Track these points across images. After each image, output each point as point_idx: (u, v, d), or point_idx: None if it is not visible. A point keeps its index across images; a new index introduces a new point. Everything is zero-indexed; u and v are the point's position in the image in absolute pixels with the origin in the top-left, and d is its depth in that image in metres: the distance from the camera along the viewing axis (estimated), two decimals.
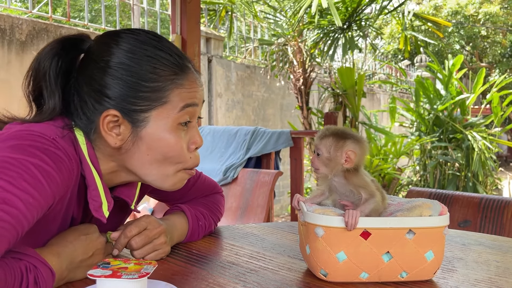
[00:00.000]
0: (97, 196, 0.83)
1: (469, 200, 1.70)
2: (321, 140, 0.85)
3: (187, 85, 0.85)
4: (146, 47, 0.84)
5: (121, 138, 0.83)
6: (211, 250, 1.01)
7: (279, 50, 5.59)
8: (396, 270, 0.81)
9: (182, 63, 0.86)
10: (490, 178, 5.66)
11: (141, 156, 0.84)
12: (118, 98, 0.82)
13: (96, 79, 0.82)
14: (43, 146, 0.74)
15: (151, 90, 0.82)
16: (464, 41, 14.71)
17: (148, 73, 0.82)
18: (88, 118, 0.84)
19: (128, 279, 0.67)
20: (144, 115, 0.82)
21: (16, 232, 0.67)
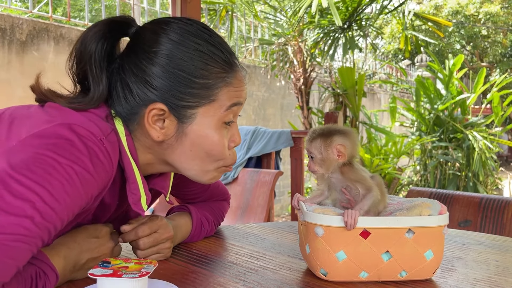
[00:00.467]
0: (136, 190, 0.81)
1: (470, 200, 1.70)
2: (311, 144, 0.86)
3: (236, 84, 0.84)
4: (198, 40, 0.81)
5: (165, 132, 0.81)
6: (211, 249, 1.01)
7: (279, 50, 5.59)
8: (396, 270, 0.81)
9: (232, 60, 0.84)
10: (490, 178, 5.66)
11: (184, 152, 0.83)
12: (166, 91, 0.79)
13: (144, 69, 0.80)
14: (89, 149, 0.72)
15: (200, 87, 0.80)
16: (465, 40, 14.71)
17: (199, 69, 0.80)
18: (131, 108, 0.81)
19: (129, 278, 0.67)
20: (191, 111, 0.81)
21: (42, 242, 0.66)
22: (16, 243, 0.62)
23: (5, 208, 0.62)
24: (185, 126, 0.81)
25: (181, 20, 0.84)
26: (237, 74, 0.85)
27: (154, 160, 0.86)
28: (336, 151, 0.84)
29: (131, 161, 0.80)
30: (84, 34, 0.82)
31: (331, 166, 0.85)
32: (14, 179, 0.65)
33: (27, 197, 0.64)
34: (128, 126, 0.82)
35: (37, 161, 0.67)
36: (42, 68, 3.83)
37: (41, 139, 0.70)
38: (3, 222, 0.62)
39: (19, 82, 3.70)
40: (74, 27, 4.19)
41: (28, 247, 0.64)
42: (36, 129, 0.72)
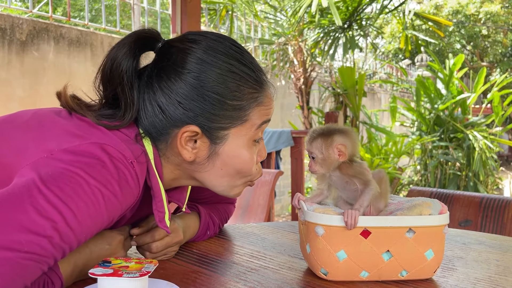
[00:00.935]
0: (162, 207, 0.81)
1: (470, 200, 1.70)
2: (311, 144, 0.86)
3: (266, 102, 0.84)
4: (230, 60, 0.80)
5: (196, 152, 0.81)
6: (211, 249, 1.01)
7: (279, 50, 5.59)
8: (396, 269, 0.81)
9: (262, 78, 0.84)
10: (491, 178, 5.66)
11: (214, 171, 0.83)
12: (199, 113, 0.78)
13: (177, 90, 0.78)
14: (119, 172, 0.71)
15: (233, 109, 0.80)
16: (465, 40, 14.70)
17: (232, 91, 0.79)
18: (162, 128, 0.80)
19: (129, 278, 0.67)
20: (223, 133, 0.81)
21: (54, 261, 0.66)
22: (29, 261, 0.62)
23: (27, 225, 0.62)
24: (217, 146, 0.81)
25: (210, 37, 0.82)
26: (267, 92, 0.85)
27: (181, 176, 0.86)
28: (337, 151, 0.84)
29: (158, 181, 0.80)
30: (113, 54, 0.80)
31: (332, 165, 0.85)
32: (42, 193, 0.64)
33: (51, 216, 0.63)
34: (157, 145, 0.82)
35: (67, 178, 0.66)
36: (42, 67, 3.83)
37: (73, 155, 0.69)
38: (22, 240, 0.61)
39: (19, 82, 3.70)
40: (74, 27, 4.19)
41: (40, 266, 0.64)
42: (68, 144, 0.71)
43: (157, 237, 0.90)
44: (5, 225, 0.61)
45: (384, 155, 5.40)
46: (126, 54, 0.79)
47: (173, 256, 0.95)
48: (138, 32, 0.82)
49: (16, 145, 0.75)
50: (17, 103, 3.64)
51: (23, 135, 0.76)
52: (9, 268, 0.60)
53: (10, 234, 0.61)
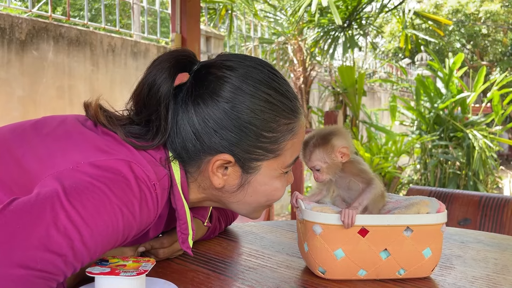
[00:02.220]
0: (186, 229, 0.80)
1: (469, 199, 1.70)
2: (311, 158, 0.85)
3: (299, 134, 0.83)
4: (269, 91, 0.79)
5: (227, 179, 0.80)
6: (210, 248, 1.01)
7: (279, 49, 5.59)
8: (394, 268, 0.81)
9: (297, 107, 0.82)
10: (491, 177, 5.66)
11: (244, 198, 0.83)
12: (234, 143, 0.77)
13: (214, 118, 0.77)
14: (141, 192, 0.70)
15: (269, 142, 0.79)
16: (465, 39, 14.70)
17: (269, 122, 0.78)
18: (194, 153, 0.79)
19: (126, 276, 0.67)
20: (256, 164, 0.80)
21: (63, 277, 0.65)
22: (40, 280, 0.61)
23: (45, 242, 0.61)
24: (249, 176, 0.81)
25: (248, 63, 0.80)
26: (301, 121, 0.83)
27: (207, 199, 0.86)
28: (340, 154, 0.84)
29: (184, 204, 0.79)
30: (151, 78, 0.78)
31: (337, 169, 0.85)
32: (64, 209, 0.63)
33: (69, 234, 0.62)
34: (187, 168, 0.81)
35: (90, 194, 0.66)
36: (41, 67, 3.83)
37: (98, 170, 0.69)
38: (37, 257, 0.60)
39: (19, 81, 3.70)
40: (74, 27, 4.19)
41: (48, 284, 0.63)
42: (94, 158, 0.70)
43: (166, 244, 0.90)
44: (24, 239, 0.60)
45: (384, 154, 5.40)
46: (165, 79, 0.78)
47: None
48: (176, 54, 0.81)
49: (41, 153, 0.74)
50: (16, 103, 3.64)
51: (49, 144, 0.76)
52: (20, 285, 0.60)
53: (27, 250, 0.60)
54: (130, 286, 0.68)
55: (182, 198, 0.79)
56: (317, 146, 0.84)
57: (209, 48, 5.58)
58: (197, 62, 0.83)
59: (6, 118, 3.56)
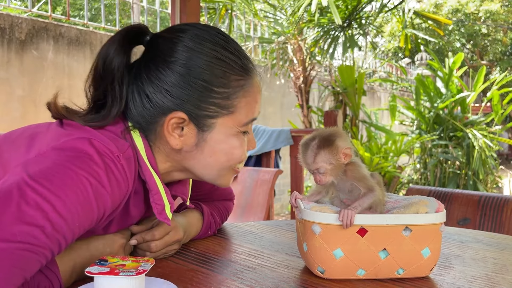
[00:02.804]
0: (160, 200, 0.81)
1: (469, 198, 1.70)
2: (316, 160, 0.83)
3: (253, 93, 0.84)
4: (215, 47, 0.81)
5: (183, 140, 0.82)
6: (209, 247, 1.02)
7: (279, 49, 5.59)
8: (393, 267, 0.81)
9: (248, 66, 0.85)
10: (490, 176, 5.66)
11: (204, 158, 0.84)
12: (186, 100, 0.80)
13: (164, 78, 0.80)
14: (105, 164, 0.72)
15: (220, 97, 0.81)
16: (465, 39, 14.70)
17: (218, 77, 0.80)
18: (150, 117, 0.81)
19: (126, 276, 0.67)
20: (210, 121, 0.81)
21: (51, 254, 0.66)
22: (25, 252, 0.62)
23: (19, 217, 0.62)
24: (205, 134, 0.82)
25: (196, 26, 0.84)
26: (254, 80, 0.85)
27: (173, 168, 0.87)
28: (343, 155, 0.84)
29: (152, 173, 0.81)
30: (103, 52, 0.81)
31: (340, 171, 0.85)
32: (31, 187, 0.65)
33: (41, 206, 0.64)
34: (147, 136, 0.83)
35: (55, 171, 0.68)
36: (41, 67, 3.83)
37: (60, 151, 0.71)
38: (15, 231, 0.62)
39: (19, 81, 3.70)
40: (74, 26, 4.19)
41: (37, 257, 0.64)
42: (55, 143, 0.73)
43: (157, 236, 0.90)
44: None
45: (383, 154, 5.40)
46: (117, 50, 0.81)
47: (173, 254, 0.95)
48: (127, 28, 0.84)
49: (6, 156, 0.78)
50: (16, 102, 3.64)
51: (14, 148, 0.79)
52: (6, 259, 0.61)
53: (4, 227, 0.61)
54: (130, 286, 0.68)
55: (149, 167, 0.80)
56: (322, 148, 0.83)
57: None
58: (150, 34, 0.86)
59: (6, 117, 3.56)
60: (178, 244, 0.95)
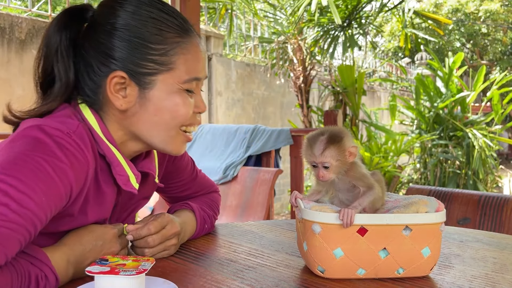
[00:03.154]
0: (122, 171, 0.84)
1: (468, 198, 1.70)
2: (324, 154, 0.83)
3: (192, 51, 0.86)
4: (150, 9, 0.84)
5: (128, 100, 0.84)
6: (209, 247, 1.02)
7: (279, 48, 5.59)
8: (393, 267, 0.81)
9: (186, 26, 0.87)
10: (490, 176, 5.66)
11: (149, 118, 0.85)
12: (125, 60, 0.82)
13: (103, 42, 0.83)
14: (57, 140, 0.74)
15: (157, 54, 0.83)
16: (465, 38, 14.70)
17: (153, 34, 0.83)
18: (94, 83, 0.84)
19: (126, 276, 0.67)
20: (150, 78, 0.83)
21: (28, 233, 0.67)
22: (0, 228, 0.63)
23: None
24: (146, 91, 0.84)
25: None
26: (193, 40, 0.87)
27: (126, 137, 0.88)
28: (349, 153, 0.84)
29: (108, 145, 0.83)
30: (47, 29, 0.85)
31: (343, 169, 0.84)
32: None
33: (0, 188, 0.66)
34: (97, 110, 0.85)
35: (9, 158, 0.70)
36: None
37: (12, 143, 0.73)
38: None
39: (19, 81, 3.70)
40: None
41: (13, 234, 0.65)
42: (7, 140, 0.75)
43: (153, 230, 0.89)
44: None
45: (383, 154, 5.41)
46: (56, 27, 0.84)
47: (174, 252, 0.95)
48: (68, 7, 0.88)
49: None
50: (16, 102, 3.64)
51: None
52: None
53: None
54: (130, 285, 0.68)
55: (105, 140, 0.83)
56: (332, 143, 0.83)
57: (209, 48, 5.58)
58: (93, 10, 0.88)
59: None
60: (176, 239, 0.94)
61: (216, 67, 5.60)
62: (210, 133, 3.32)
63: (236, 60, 6.06)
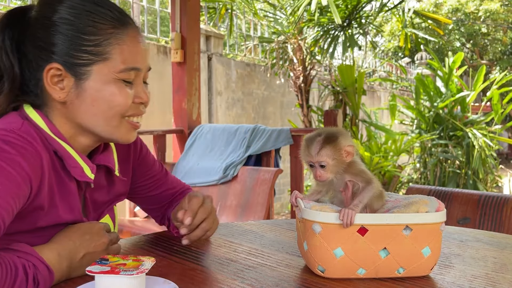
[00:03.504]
0: (75, 162, 0.86)
1: (468, 197, 1.70)
2: (320, 153, 0.84)
3: (128, 42, 0.87)
4: (85, 3, 0.86)
5: (65, 91, 0.86)
6: (209, 247, 1.02)
7: (279, 48, 5.58)
8: (393, 266, 0.81)
9: (122, 18, 0.88)
10: (490, 176, 5.66)
11: (88, 108, 0.87)
12: (60, 52, 0.84)
13: (39, 36, 0.85)
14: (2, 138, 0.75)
15: (92, 45, 0.84)
16: (465, 38, 14.70)
17: (87, 26, 0.85)
18: (35, 78, 0.86)
19: (127, 275, 0.67)
20: (85, 69, 0.85)
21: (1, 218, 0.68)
22: None
23: None
24: (82, 82, 0.85)
25: None
26: (129, 31, 0.88)
27: (74, 131, 0.89)
28: (345, 152, 0.84)
29: (57, 140, 0.85)
30: None
31: (340, 168, 0.85)
32: None
33: None
34: (40, 106, 0.87)
35: None
36: None
37: None
38: None
39: None
40: None
41: None
42: None
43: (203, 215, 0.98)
44: None
45: (383, 153, 5.40)
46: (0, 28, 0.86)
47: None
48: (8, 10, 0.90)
49: None
50: None
51: None
52: None
53: None
54: (130, 285, 0.68)
55: (52, 136, 0.85)
56: (327, 142, 0.84)
57: (209, 47, 5.58)
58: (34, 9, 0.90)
59: None
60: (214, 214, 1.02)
61: (216, 67, 5.60)
62: (210, 132, 3.32)
63: (236, 60, 6.06)
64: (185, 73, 3.29)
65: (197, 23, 3.36)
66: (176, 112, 3.38)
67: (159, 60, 4.90)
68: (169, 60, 4.91)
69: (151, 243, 1.04)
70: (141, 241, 1.05)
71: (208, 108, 5.52)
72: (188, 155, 3.21)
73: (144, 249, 0.99)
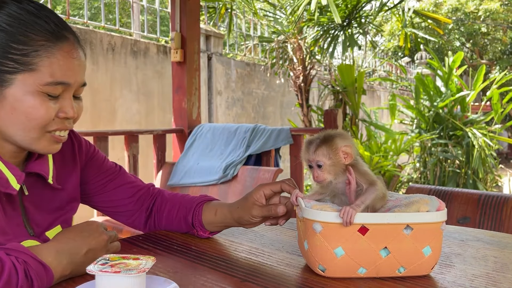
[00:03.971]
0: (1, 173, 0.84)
1: (468, 197, 1.70)
2: (316, 152, 0.85)
3: (60, 55, 0.85)
4: (23, 12, 0.84)
5: None
6: (210, 246, 1.02)
7: (279, 48, 5.58)
8: (394, 266, 0.81)
9: (57, 32, 0.86)
10: (490, 175, 5.66)
11: (6, 116, 0.85)
12: None
13: None
14: None
15: (19, 54, 0.83)
16: (465, 38, 14.70)
17: (18, 35, 0.83)
18: None
19: (127, 275, 0.67)
20: (9, 76, 0.83)
21: None
22: None
23: None
24: (3, 89, 0.83)
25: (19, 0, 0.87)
26: (64, 45, 0.86)
27: None
28: (343, 154, 0.84)
29: None
30: None
31: (339, 170, 0.85)
32: None
33: None
34: None
35: None
36: None
37: None
38: None
39: None
40: (73, 25, 4.19)
41: None
42: None
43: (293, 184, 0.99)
44: None
45: (383, 153, 5.41)
46: None
47: None
48: None
49: None
50: None
51: None
52: None
53: None
54: (131, 284, 0.68)
55: None
56: (323, 143, 0.85)
57: (209, 47, 5.58)
58: None
59: None
60: None
61: (216, 67, 5.60)
62: (210, 132, 3.32)
63: (236, 60, 6.06)
64: (185, 72, 3.29)
65: (197, 22, 3.36)
66: (176, 112, 3.38)
67: (159, 60, 4.90)
68: (169, 60, 4.91)
69: (151, 242, 1.04)
70: (141, 241, 1.05)
71: (208, 108, 5.52)
72: (188, 155, 3.21)
73: (144, 249, 0.99)
